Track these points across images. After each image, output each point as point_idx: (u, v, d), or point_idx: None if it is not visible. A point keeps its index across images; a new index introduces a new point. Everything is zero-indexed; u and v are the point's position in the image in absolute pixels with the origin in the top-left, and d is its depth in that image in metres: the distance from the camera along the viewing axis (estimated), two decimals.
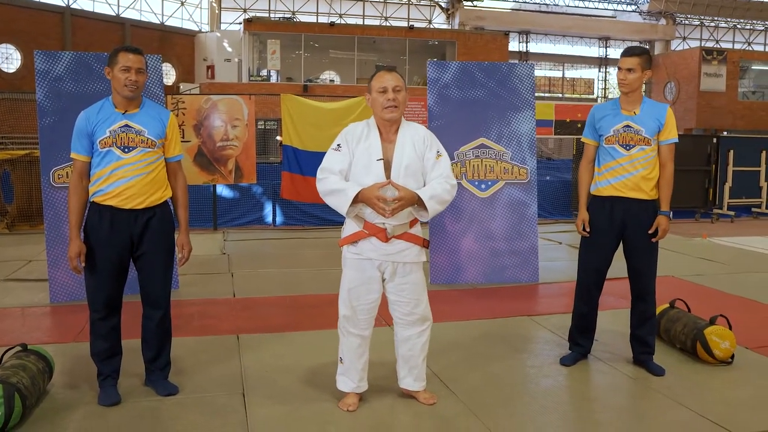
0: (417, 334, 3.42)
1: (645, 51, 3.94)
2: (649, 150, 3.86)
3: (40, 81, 5.58)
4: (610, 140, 3.92)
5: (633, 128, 3.86)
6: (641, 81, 3.87)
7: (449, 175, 3.29)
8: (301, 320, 5.11)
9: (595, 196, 4.03)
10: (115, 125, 3.36)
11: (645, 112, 3.88)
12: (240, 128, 9.43)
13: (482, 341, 4.60)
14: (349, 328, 3.41)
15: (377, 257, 3.28)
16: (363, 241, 3.28)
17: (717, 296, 5.96)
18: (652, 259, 3.97)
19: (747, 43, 35.43)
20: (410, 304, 3.36)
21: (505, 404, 3.54)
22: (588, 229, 4.02)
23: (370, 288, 3.33)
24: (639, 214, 3.89)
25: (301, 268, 7.14)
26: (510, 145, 6.49)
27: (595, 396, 3.75)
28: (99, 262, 3.38)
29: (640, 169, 3.85)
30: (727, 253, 8.45)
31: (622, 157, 3.87)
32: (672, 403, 3.54)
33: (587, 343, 4.20)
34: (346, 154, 3.26)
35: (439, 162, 3.28)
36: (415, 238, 3.33)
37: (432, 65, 6.58)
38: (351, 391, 3.46)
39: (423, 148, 3.28)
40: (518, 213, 6.51)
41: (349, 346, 3.42)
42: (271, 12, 29.73)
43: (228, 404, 3.45)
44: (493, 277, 6.43)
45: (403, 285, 3.33)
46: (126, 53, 3.37)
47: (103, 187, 3.36)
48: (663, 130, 3.86)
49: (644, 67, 3.85)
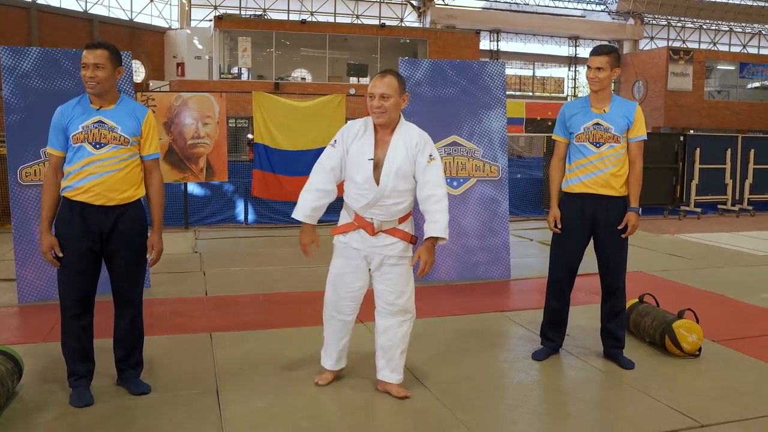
0: (396, 324, 3.49)
1: (614, 49, 4.00)
2: (619, 147, 3.91)
3: (7, 77, 5.48)
4: (580, 138, 3.97)
5: (603, 126, 3.91)
6: (610, 79, 3.93)
7: (439, 181, 3.34)
8: (273, 318, 5.10)
9: (566, 192, 4.08)
10: (89, 121, 3.33)
11: (614, 110, 3.94)
12: (211, 126, 9.37)
13: (456, 337, 4.63)
14: (332, 313, 3.57)
15: (363, 248, 3.40)
16: (352, 231, 3.41)
17: (684, 291, 6.07)
18: (622, 254, 4.03)
19: (712, 43, 36.08)
20: (393, 294, 3.44)
21: (478, 398, 3.57)
22: (559, 225, 4.07)
23: (356, 276, 3.46)
24: (609, 211, 3.95)
25: (273, 267, 7.11)
26: (481, 142, 6.53)
27: (566, 389, 3.80)
28: (70, 256, 3.33)
29: (610, 166, 3.91)
30: (694, 249, 8.62)
31: (593, 154, 3.93)
32: (641, 395, 3.60)
33: (558, 338, 4.25)
34: (340, 151, 3.39)
35: (430, 167, 3.33)
36: (402, 234, 3.40)
37: (404, 63, 6.60)
38: (329, 368, 3.69)
39: (415, 152, 3.33)
40: (490, 210, 6.57)
41: (331, 329, 3.62)
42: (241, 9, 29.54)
43: (202, 402, 3.43)
44: (465, 274, 6.47)
45: (387, 275, 3.42)
46: (87, 50, 3.34)
47: (74, 182, 3.31)
48: (632, 128, 3.92)
49: (613, 65, 3.90)
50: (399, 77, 3.37)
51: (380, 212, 3.35)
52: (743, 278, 6.71)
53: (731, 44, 36.43)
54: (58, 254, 3.33)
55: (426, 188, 3.32)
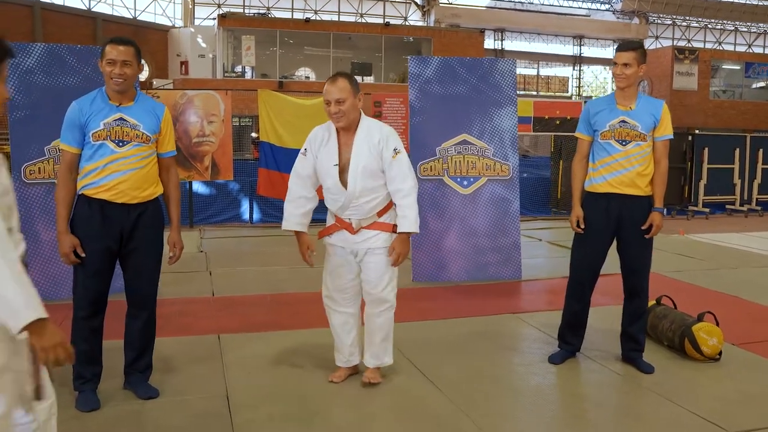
0: (375, 313, 3.59)
1: (640, 45, 3.89)
2: (645, 146, 3.81)
3: (11, 74, 5.38)
4: (605, 135, 3.86)
5: (629, 123, 3.81)
6: (637, 75, 3.81)
7: (406, 175, 3.39)
8: (282, 319, 5.01)
9: (589, 192, 3.97)
10: (110, 118, 3.24)
11: (641, 107, 3.83)
12: (216, 124, 9.29)
13: (469, 339, 4.53)
14: (331, 306, 3.67)
15: (347, 245, 3.53)
16: (336, 232, 3.55)
17: (698, 292, 5.97)
18: (647, 255, 3.93)
19: (718, 42, 35.92)
20: (370, 283, 3.54)
21: (495, 402, 3.48)
22: (582, 225, 3.95)
23: (347, 269, 3.57)
24: (634, 210, 3.84)
25: (279, 266, 7.02)
26: (492, 141, 6.43)
27: (585, 394, 3.70)
28: (90, 256, 3.25)
29: (636, 165, 3.80)
30: (705, 250, 8.51)
31: (618, 152, 3.82)
32: (663, 401, 3.50)
33: (577, 341, 4.14)
34: (311, 159, 3.48)
35: (396, 161, 3.38)
36: (383, 226, 3.49)
37: (413, 60, 6.50)
38: (342, 366, 3.71)
39: (379, 148, 3.38)
40: (501, 210, 6.46)
41: (335, 322, 3.67)
42: (245, 8, 29.45)
43: (211, 408, 3.34)
44: (475, 275, 6.37)
45: (368, 264, 3.52)
46: (113, 45, 3.24)
47: (94, 180, 3.23)
48: (658, 126, 3.82)
49: (640, 61, 3.79)
50: (350, 78, 3.42)
51: (355, 212, 3.45)
52: (757, 279, 6.61)
53: (736, 44, 36.27)
54: (80, 254, 3.23)
55: (394, 183, 3.41)
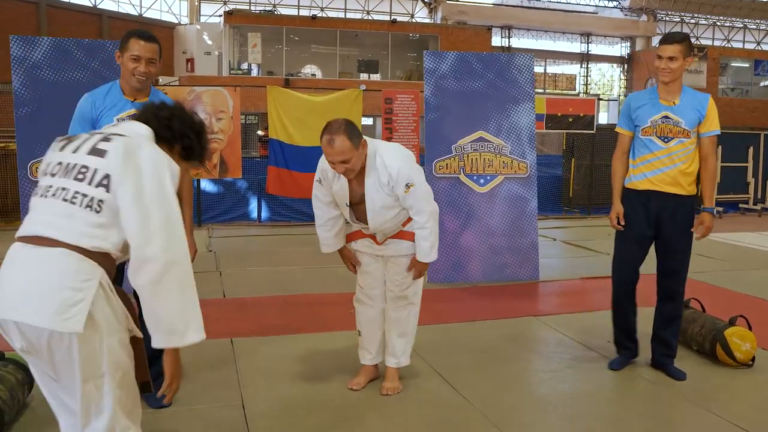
0: (394, 309, 3.50)
1: (686, 37, 3.68)
2: (689, 143, 3.63)
3: (17, 68, 5.26)
4: (647, 131, 3.68)
5: (672, 119, 3.63)
6: (683, 69, 3.62)
7: (421, 207, 3.27)
8: (296, 322, 4.84)
9: (628, 188, 3.79)
10: (124, 113, 3.11)
11: (685, 102, 3.65)
12: (225, 121, 9.13)
13: (491, 343, 4.37)
14: (362, 298, 3.57)
15: (372, 252, 3.49)
16: (361, 239, 3.50)
17: (725, 295, 5.79)
18: (686, 257, 3.74)
19: (726, 40, 35.61)
20: (392, 282, 3.48)
21: (524, 412, 3.33)
22: (623, 222, 3.78)
23: (375, 267, 3.52)
24: (676, 210, 3.67)
25: (290, 266, 6.87)
26: (509, 138, 6.26)
27: (618, 402, 3.53)
28: None
29: (679, 163, 3.63)
30: (723, 250, 8.32)
31: (660, 149, 3.64)
32: (701, 410, 3.33)
33: (633, 344, 3.93)
34: (327, 186, 3.38)
35: (409, 195, 3.25)
36: (407, 235, 3.40)
37: (429, 55, 6.34)
38: (367, 364, 3.58)
39: (389, 189, 3.25)
40: (518, 209, 6.29)
41: (364, 316, 3.57)
42: (251, 5, 29.28)
43: (227, 417, 3.18)
44: (492, 275, 6.20)
45: (393, 264, 3.47)
46: (138, 40, 3.09)
47: None
48: (704, 122, 3.63)
49: (686, 54, 3.60)
50: (347, 133, 3.04)
51: (380, 233, 3.43)
52: None
53: (745, 41, 35.97)
54: None
55: (410, 212, 3.33)
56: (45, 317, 1.77)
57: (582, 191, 11.96)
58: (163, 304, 1.88)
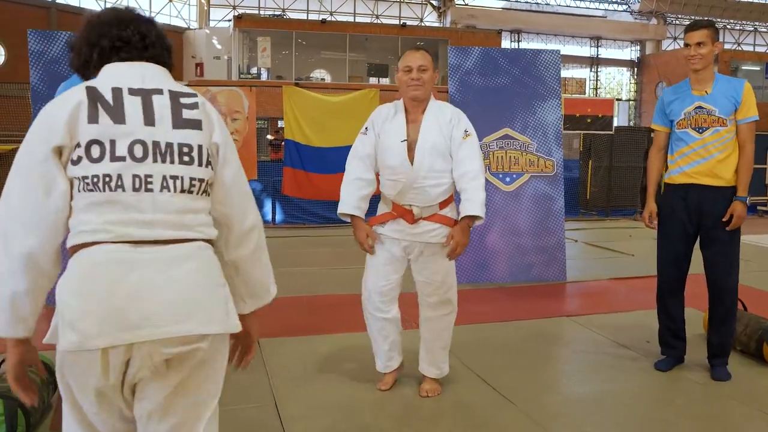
0: (437, 317, 3.31)
1: (711, 23, 3.57)
2: (725, 132, 3.48)
3: (35, 63, 5.15)
4: (681, 124, 3.56)
5: (705, 109, 3.49)
6: (712, 55, 3.49)
7: (474, 156, 3.12)
8: (322, 322, 4.71)
9: (667, 183, 3.67)
10: None
11: (718, 90, 3.51)
12: (240, 121, 9.02)
13: (527, 343, 4.23)
14: (369, 309, 3.34)
15: (403, 237, 3.18)
16: (391, 221, 3.20)
17: (760, 295, 5.63)
18: (733, 251, 3.58)
19: (737, 43, 35.43)
20: (432, 285, 3.24)
21: (570, 413, 3.18)
22: (655, 221, 3.67)
23: (392, 269, 3.24)
24: (716, 203, 3.51)
25: (309, 267, 6.74)
26: (535, 136, 6.12)
27: (666, 403, 3.36)
28: None
29: (715, 153, 3.48)
30: (746, 250, 8.06)
31: (695, 141, 3.50)
32: (753, 411, 3.19)
33: (680, 344, 3.78)
34: (372, 137, 3.22)
35: (466, 142, 3.13)
36: (445, 219, 3.17)
37: (453, 51, 6.21)
38: (381, 371, 3.41)
39: (450, 127, 3.14)
40: (544, 208, 6.15)
41: (372, 327, 3.38)
42: (260, 9, 29.26)
43: (262, 418, 3.05)
44: (519, 276, 6.05)
45: (427, 264, 3.22)
46: None
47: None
48: (740, 108, 3.48)
49: (714, 38, 3.48)
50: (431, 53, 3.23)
51: (418, 196, 3.12)
52: None
53: (756, 44, 35.78)
54: None
55: (462, 165, 3.10)
56: (218, 321, 1.56)
57: (599, 193, 11.82)
58: (261, 266, 1.78)
